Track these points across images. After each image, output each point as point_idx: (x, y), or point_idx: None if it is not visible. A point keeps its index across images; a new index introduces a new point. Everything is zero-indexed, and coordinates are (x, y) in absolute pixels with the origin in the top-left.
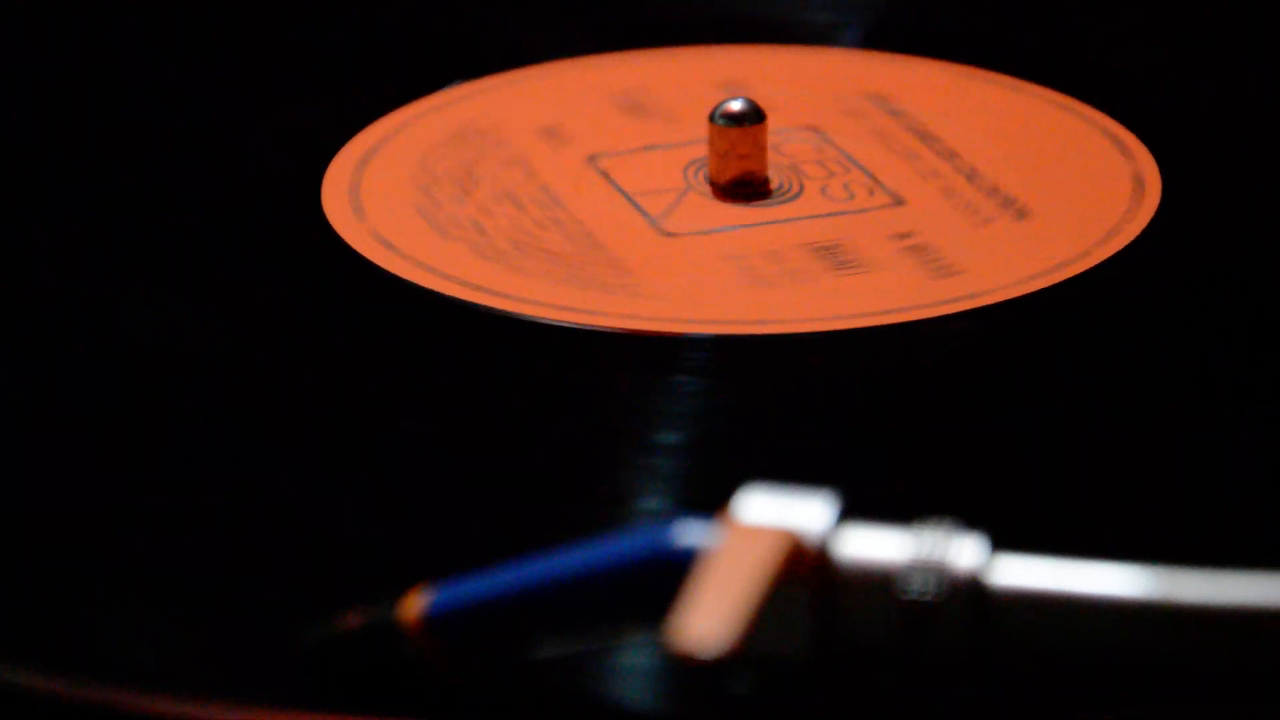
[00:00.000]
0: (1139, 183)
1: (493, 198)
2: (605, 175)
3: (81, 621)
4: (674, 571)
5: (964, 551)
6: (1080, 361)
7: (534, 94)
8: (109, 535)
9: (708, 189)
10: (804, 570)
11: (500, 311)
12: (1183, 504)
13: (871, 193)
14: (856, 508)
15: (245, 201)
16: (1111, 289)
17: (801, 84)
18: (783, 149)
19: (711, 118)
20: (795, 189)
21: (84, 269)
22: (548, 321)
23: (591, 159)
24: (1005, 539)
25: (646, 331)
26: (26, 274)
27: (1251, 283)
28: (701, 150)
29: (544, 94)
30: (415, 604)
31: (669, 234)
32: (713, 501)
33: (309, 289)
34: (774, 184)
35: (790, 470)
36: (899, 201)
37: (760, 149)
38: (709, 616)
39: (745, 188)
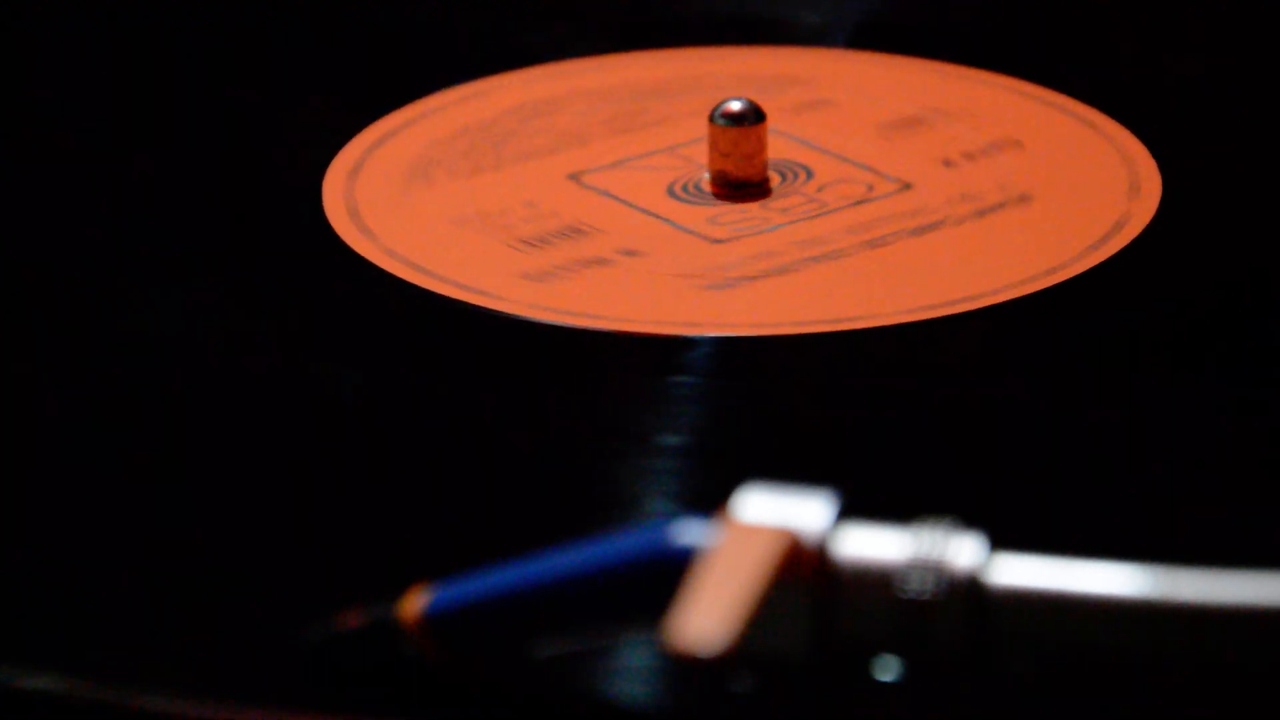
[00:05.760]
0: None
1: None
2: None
3: (82, 622)
4: (673, 570)
5: (963, 550)
6: (1078, 361)
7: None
8: (109, 535)
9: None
10: (803, 569)
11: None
12: (1181, 503)
13: (725, 227)
14: (855, 507)
15: (245, 201)
16: (1111, 288)
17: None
18: (839, 185)
19: (711, 118)
20: (750, 205)
21: (82, 269)
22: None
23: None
24: (1004, 538)
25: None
26: (26, 273)
27: (1247, 282)
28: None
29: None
30: (414, 603)
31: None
32: (712, 500)
33: (309, 290)
34: (773, 190)
35: (789, 469)
36: (719, 242)
37: (739, 151)
38: (708, 615)
39: (739, 189)
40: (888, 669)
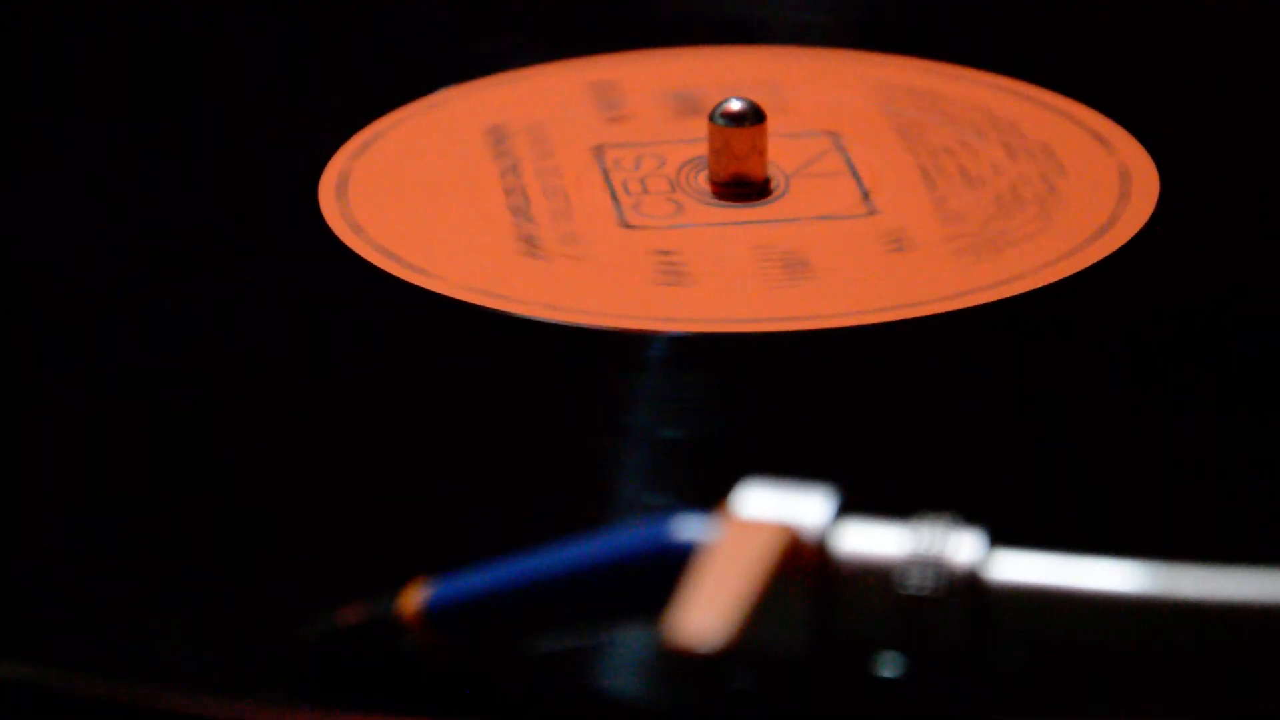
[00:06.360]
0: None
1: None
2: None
3: (84, 619)
4: (673, 566)
5: (962, 546)
6: (1077, 358)
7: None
8: (110, 534)
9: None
10: (802, 565)
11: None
12: (1180, 500)
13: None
14: (855, 503)
15: (241, 202)
16: (1108, 285)
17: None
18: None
19: (711, 118)
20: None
21: (80, 269)
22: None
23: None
24: (1003, 534)
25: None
26: (24, 274)
27: (1244, 279)
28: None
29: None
30: (414, 598)
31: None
32: (712, 496)
33: (308, 291)
34: (772, 186)
35: (789, 465)
36: (623, 227)
37: (738, 151)
38: (707, 611)
39: (743, 188)
40: (887, 665)
